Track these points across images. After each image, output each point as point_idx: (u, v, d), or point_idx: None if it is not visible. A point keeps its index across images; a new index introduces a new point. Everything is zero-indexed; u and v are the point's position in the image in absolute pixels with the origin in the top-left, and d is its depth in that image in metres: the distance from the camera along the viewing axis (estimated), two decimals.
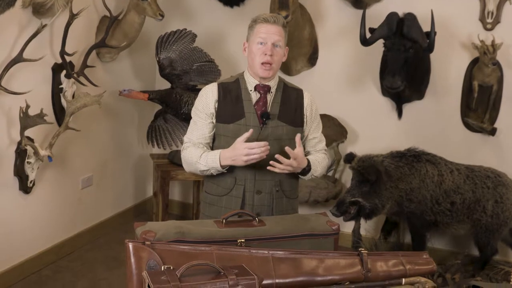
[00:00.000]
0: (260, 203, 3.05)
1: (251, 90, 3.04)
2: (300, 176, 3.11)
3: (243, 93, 3.04)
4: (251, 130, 2.90)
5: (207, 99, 3.06)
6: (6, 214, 4.12)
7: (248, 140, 2.91)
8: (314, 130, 3.16)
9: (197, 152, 3.03)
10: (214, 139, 3.11)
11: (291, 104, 3.08)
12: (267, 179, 3.03)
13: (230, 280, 1.97)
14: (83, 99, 4.19)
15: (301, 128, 3.10)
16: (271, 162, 2.90)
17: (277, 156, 2.89)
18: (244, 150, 2.85)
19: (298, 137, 2.95)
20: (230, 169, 3.02)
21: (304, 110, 3.11)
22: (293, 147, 3.01)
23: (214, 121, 3.06)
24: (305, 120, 3.11)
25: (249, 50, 3.02)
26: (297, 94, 3.12)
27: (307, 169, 3.03)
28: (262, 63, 2.96)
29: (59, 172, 4.54)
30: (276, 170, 2.92)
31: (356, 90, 4.95)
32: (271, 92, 3.05)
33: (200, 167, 3.03)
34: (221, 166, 2.97)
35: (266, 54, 2.94)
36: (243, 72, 3.11)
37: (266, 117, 3.00)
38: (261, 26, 2.96)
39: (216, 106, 3.05)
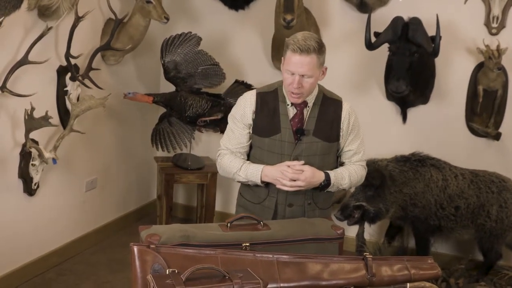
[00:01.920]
0: (292, 215, 3.05)
1: (288, 105, 3.02)
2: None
3: (280, 106, 3.03)
4: (302, 162, 2.94)
5: (245, 109, 3.07)
6: (10, 216, 4.12)
7: (283, 155, 2.98)
8: (350, 142, 3.11)
9: (237, 164, 3.06)
10: (250, 147, 3.14)
11: (328, 118, 3.04)
12: (299, 193, 3.03)
13: (235, 284, 1.98)
14: (88, 101, 4.19)
15: (336, 142, 3.07)
16: (279, 186, 2.94)
17: (297, 166, 2.92)
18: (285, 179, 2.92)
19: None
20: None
21: (341, 123, 3.06)
22: (327, 162, 3.05)
23: (251, 131, 3.07)
24: (341, 134, 3.07)
25: (282, 71, 2.98)
26: (336, 106, 3.07)
27: (325, 184, 3.00)
28: (291, 91, 2.94)
29: (64, 174, 4.54)
30: (285, 188, 2.94)
31: (361, 94, 4.95)
32: (308, 107, 3.03)
33: (239, 178, 3.07)
34: (261, 181, 3.01)
35: (293, 85, 2.90)
36: (282, 80, 3.05)
37: (300, 133, 2.99)
38: (291, 55, 2.88)
39: (254, 117, 3.05)
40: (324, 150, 3.03)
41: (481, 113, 4.69)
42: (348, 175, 3.06)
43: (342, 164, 3.15)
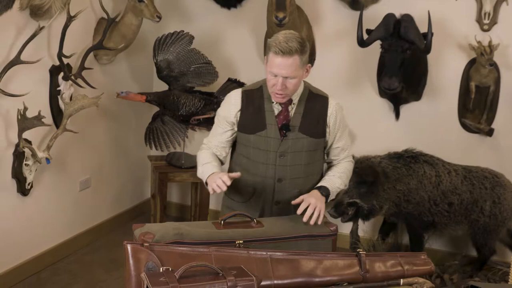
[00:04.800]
0: (279, 214, 3.02)
1: (273, 102, 3.00)
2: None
3: (265, 103, 3.00)
4: (238, 173, 2.90)
5: (229, 108, 3.05)
6: (4, 216, 4.12)
7: (269, 151, 2.97)
8: (338, 140, 3.09)
9: (202, 159, 3.05)
10: (234, 144, 3.12)
11: (314, 115, 3.02)
12: (286, 190, 3.03)
13: (228, 281, 1.98)
14: (81, 101, 4.19)
15: (322, 139, 3.05)
16: (310, 221, 2.75)
17: (293, 202, 2.86)
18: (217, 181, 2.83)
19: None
20: (249, 181, 3.04)
21: (327, 119, 3.03)
22: (314, 159, 3.04)
23: (236, 128, 3.05)
24: (327, 130, 3.05)
25: (266, 71, 2.94)
26: (322, 102, 3.04)
27: (325, 194, 2.94)
28: (275, 92, 2.91)
29: (57, 174, 4.54)
30: (312, 222, 2.77)
31: (354, 92, 4.95)
32: (293, 104, 3.00)
33: (198, 173, 3.06)
34: (205, 182, 2.96)
35: (277, 87, 2.86)
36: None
37: (286, 129, 2.97)
38: (274, 57, 2.83)
39: (238, 116, 3.03)
40: (311, 147, 3.02)
41: (474, 109, 4.70)
42: (338, 176, 3.06)
43: (329, 162, 3.15)
